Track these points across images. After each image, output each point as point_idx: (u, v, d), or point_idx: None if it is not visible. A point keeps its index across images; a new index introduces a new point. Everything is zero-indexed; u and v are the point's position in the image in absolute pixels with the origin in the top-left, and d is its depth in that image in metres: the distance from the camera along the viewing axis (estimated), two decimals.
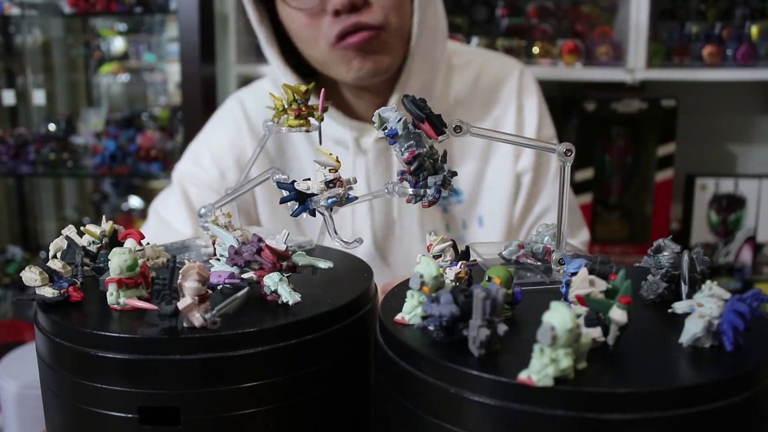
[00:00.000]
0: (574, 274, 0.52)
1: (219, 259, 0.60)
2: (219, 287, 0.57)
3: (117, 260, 0.55)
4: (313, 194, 0.59)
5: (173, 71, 2.40)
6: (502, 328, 0.46)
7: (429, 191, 0.59)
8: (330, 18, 0.96)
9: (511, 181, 1.11)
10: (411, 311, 0.52)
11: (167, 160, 2.16)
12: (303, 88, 0.67)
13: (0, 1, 2.14)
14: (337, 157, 0.59)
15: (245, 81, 2.00)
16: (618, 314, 0.46)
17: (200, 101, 1.91)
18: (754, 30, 1.81)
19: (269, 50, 1.05)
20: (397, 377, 0.49)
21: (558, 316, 0.42)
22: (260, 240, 0.58)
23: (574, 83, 1.93)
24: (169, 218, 1.11)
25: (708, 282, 0.51)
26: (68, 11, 2.10)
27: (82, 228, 0.65)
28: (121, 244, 0.62)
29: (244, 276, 0.57)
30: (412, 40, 1.01)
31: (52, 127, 2.34)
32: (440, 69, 1.10)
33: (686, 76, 1.81)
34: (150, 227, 1.13)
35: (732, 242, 1.94)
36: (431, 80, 1.08)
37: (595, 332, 0.46)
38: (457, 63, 1.14)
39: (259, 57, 1.99)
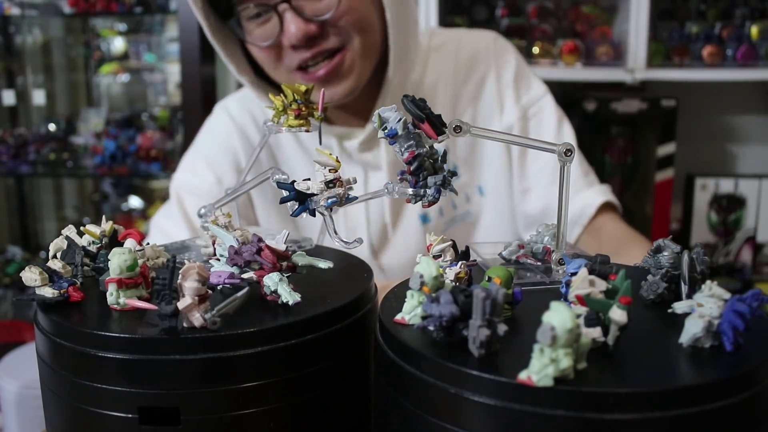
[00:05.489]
0: (574, 274, 0.52)
1: (219, 259, 0.60)
2: (219, 287, 0.57)
3: (117, 260, 0.55)
4: (313, 194, 0.59)
5: (173, 71, 2.41)
6: (502, 328, 0.46)
7: (429, 191, 0.59)
8: (289, 50, 0.96)
9: (504, 147, 1.11)
10: (411, 311, 0.52)
11: (167, 160, 2.17)
12: (303, 88, 0.67)
13: (0, 1, 2.14)
14: (336, 157, 0.59)
15: None
16: (618, 314, 0.46)
17: (200, 101, 1.91)
18: (754, 30, 1.81)
19: (244, 78, 1.04)
20: (397, 377, 0.49)
21: (558, 316, 0.42)
22: (260, 240, 0.58)
23: (574, 83, 1.93)
24: (167, 229, 1.11)
25: (708, 282, 0.51)
26: (68, 11, 2.10)
27: (82, 228, 0.65)
28: (121, 244, 0.62)
29: (244, 276, 0.57)
30: (390, 60, 1.00)
31: (52, 127, 2.34)
32: (416, 59, 1.09)
33: (686, 76, 1.82)
34: (151, 236, 1.14)
35: (732, 242, 1.94)
36: (408, 73, 1.07)
37: (595, 332, 0.46)
38: (434, 44, 1.15)
39: None
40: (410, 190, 0.59)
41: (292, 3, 0.93)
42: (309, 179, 0.60)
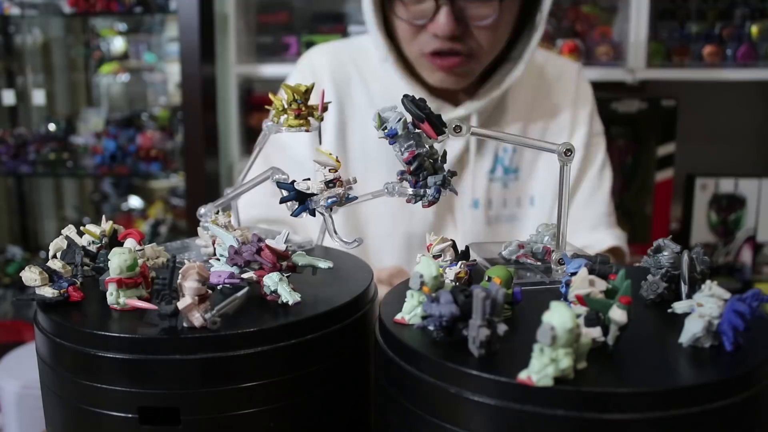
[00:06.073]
0: (574, 274, 0.52)
1: (219, 259, 0.60)
2: (219, 287, 0.57)
3: (117, 260, 0.55)
4: (313, 194, 0.59)
5: (173, 71, 2.40)
6: (502, 328, 0.46)
7: (429, 191, 0.59)
8: (430, 35, 1.02)
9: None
10: (411, 311, 0.52)
11: (167, 160, 2.16)
12: (303, 87, 0.67)
13: (0, 1, 2.14)
14: (336, 157, 0.59)
15: (245, 81, 2.00)
16: (618, 314, 0.46)
17: (200, 101, 1.91)
18: (754, 30, 1.81)
19: (379, 34, 1.08)
20: (397, 377, 0.49)
21: (558, 316, 0.42)
22: (260, 240, 0.58)
23: None
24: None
25: (708, 282, 0.51)
26: (68, 11, 2.10)
27: (82, 228, 0.65)
28: (121, 244, 0.62)
29: (244, 276, 0.57)
30: (524, 58, 1.08)
31: (52, 127, 2.34)
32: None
33: (686, 76, 1.81)
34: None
35: (732, 242, 1.94)
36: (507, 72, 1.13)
37: (595, 332, 0.46)
38: (526, 58, 1.20)
39: (259, 57, 1.99)
40: (410, 190, 0.59)
41: (455, 2, 1.00)
42: (309, 179, 0.60)
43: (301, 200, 0.60)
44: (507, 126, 1.16)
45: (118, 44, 2.50)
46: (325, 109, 0.68)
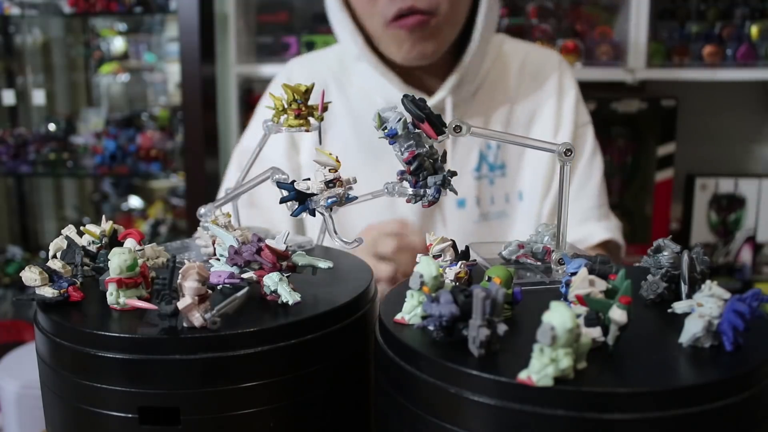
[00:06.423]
0: (574, 274, 0.52)
1: (219, 259, 0.60)
2: (219, 287, 0.57)
3: (117, 260, 0.55)
4: (313, 194, 0.59)
5: (173, 71, 2.41)
6: (502, 328, 0.46)
7: (429, 191, 0.59)
8: (387, 0, 1.04)
9: (551, 156, 1.13)
10: (411, 311, 0.52)
11: (167, 160, 2.16)
12: (303, 87, 0.67)
13: (0, 1, 2.14)
14: (336, 157, 0.59)
15: (245, 81, 2.00)
16: (618, 314, 0.46)
17: (200, 101, 1.91)
18: (754, 30, 1.81)
19: (346, 28, 1.11)
20: (397, 377, 0.49)
21: (558, 316, 0.42)
22: (260, 240, 0.58)
23: None
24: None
25: (708, 282, 0.51)
26: (68, 11, 2.10)
27: (82, 228, 0.65)
28: (121, 244, 0.62)
29: (244, 276, 0.57)
30: (477, 24, 1.09)
31: (52, 127, 2.34)
32: (492, 54, 1.17)
33: (686, 76, 1.82)
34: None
35: (732, 242, 1.94)
36: (482, 61, 1.15)
37: (595, 332, 0.46)
38: (505, 49, 1.21)
39: (259, 57, 1.99)
40: (410, 190, 0.59)
41: None
42: (309, 179, 0.60)
43: (301, 200, 0.60)
44: (489, 120, 1.16)
45: (118, 44, 2.50)
46: (325, 109, 0.68)
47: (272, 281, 0.56)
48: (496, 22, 1.16)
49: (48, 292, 0.57)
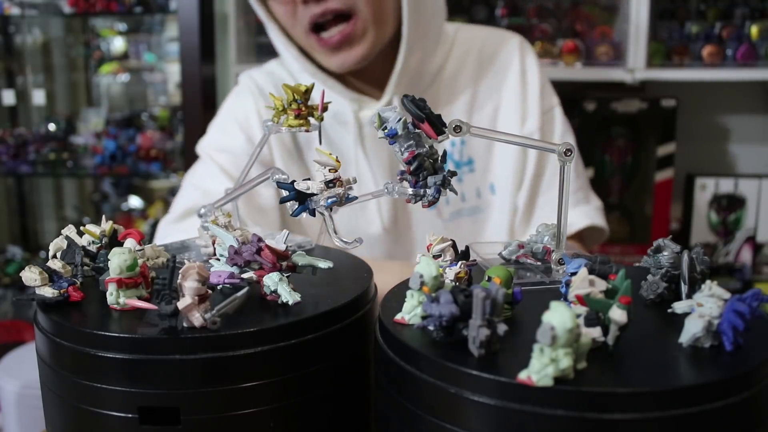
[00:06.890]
0: (574, 274, 0.52)
1: (219, 259, 0.60)
2: (219, 287, 0.57)
3: (117, 260, 0.55)
4: (313, 194, 0.59)
5: (173, 71, 2.41)
6: (502, 328, 0.46)
7: (429, 191, 0.59)
8: (301, 6, 1.01)
9: (520, 148, 1.12)
10: (411, 311, 0.52)
11: (167, 160, 2.17)
12: (303, 87, 0.67)
13: (0, 1, 2.14)
14: (336, 157, 0.59)
15: None
16: (618, 314, 0.46)
17: (200, 101, 1.91)
18: (754, 30, 1.81)
19: (279, 41, 1.10)
20: (397, 377, 0.49)
21: (558, 316, 0.42)
22: (260, 240, 0.58)
23: (574, 83, 1.93)
24: (206, 186, 1.11)
25: (708, 282, 0.51)
26: (68, 11, 2.10)
27: (82, 228, 0.65)
28: (121, 244, 0.62)
29: (244, 276, 0.57)
30: (403, 20, 1.04)
31: (52, 127, 2.34)
32: (438, 45, 1.12)
33: (686, 76, 1.81)
34: (184, 196, 1.15)
35: (732, 242, 1.94)
36: (429, 56, 1.11)
37: (595, 332, 0.46)
38: (460, 38, 1.18)
39: (259, 57, 1.99)
40: (410, 190, 0.59)
41: None
42: (309, 179, 0.60)
43: (301, 200, 0.60)
44: (451, 112, 1.12)
45: (118, 44, 2.50)
46: (325, 109, 0.68)
47: (272, 281, 0.56)
48: (439, 15, 1.11)
49: (48, 292, 0.57)
